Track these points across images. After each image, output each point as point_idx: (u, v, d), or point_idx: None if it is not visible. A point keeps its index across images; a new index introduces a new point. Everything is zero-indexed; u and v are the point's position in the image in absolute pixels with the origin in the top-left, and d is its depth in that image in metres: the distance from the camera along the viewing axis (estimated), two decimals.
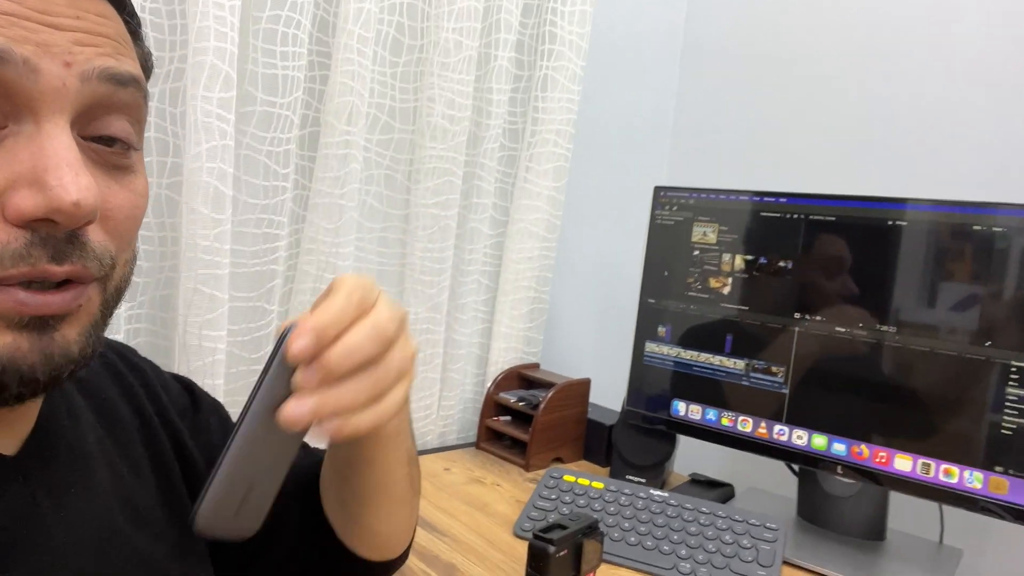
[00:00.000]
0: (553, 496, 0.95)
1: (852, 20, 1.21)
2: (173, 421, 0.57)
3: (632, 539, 0.87)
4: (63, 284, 0.36)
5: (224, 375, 0.88)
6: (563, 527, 0.71)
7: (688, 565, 0.82)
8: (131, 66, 0.38)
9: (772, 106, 1.32)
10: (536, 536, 0.69)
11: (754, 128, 1.35)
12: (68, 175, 0.33)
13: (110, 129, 0.38)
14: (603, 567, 0.83)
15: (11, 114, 0.34)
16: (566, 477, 0.98)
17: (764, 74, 1.33)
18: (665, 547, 0.85)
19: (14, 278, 0.33)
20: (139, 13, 0.80)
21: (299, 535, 0.61)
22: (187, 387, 0.63)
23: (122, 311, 0.80)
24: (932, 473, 0.84)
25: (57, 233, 0.34)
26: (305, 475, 0.62)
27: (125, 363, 0.57)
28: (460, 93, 1.07)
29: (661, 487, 1.07)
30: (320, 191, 0.95)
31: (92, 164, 0.37)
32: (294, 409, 0.38)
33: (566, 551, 0.70)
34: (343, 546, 0.60)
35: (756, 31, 1.35)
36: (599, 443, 1.20)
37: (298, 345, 0.38)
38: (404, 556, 0.65)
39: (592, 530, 0.75)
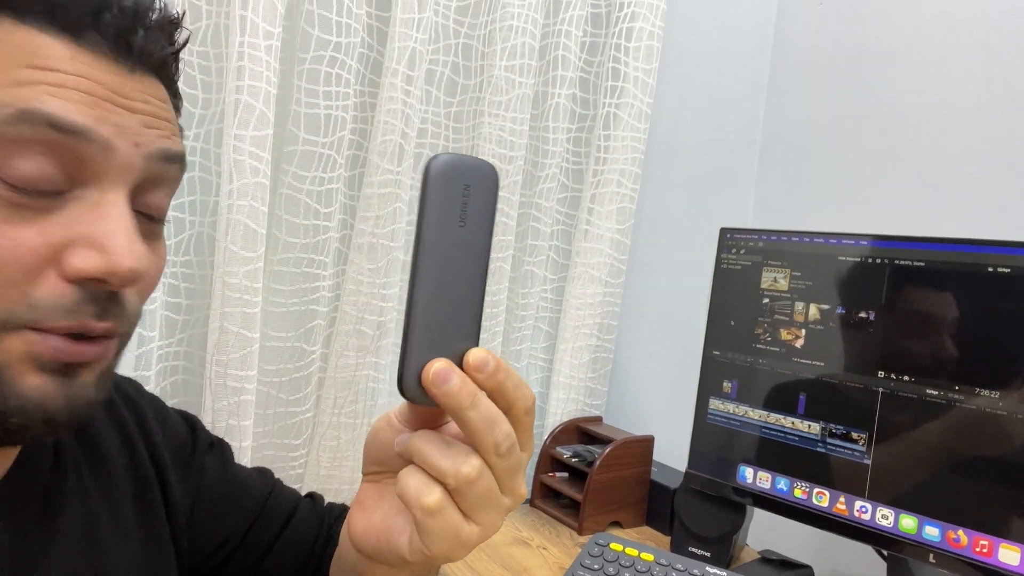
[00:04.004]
0: (596, 566, 0.86)
1: (969, 42, 1.08)
2: (162, 459, 0.55)
3: None
4: (96, 336, 0.38)
5: (253, 416, 0.86)
6: None
7: None
8: (180, 146, 0.42)
9: (870, 143, 1.20)
10: None
11: (852, 168, 1.23)
12: (127, 242, 0.36)
13: (156, 201, 0.41)
14: None
15: (79, 181, 0.36)
16: (613, 545, 0.89)
17: (861, 107, 1.22)
18: None
19: (61, 330, 0.36)
20: (188, 57, 0.83)
21: None
22: (191, 425, 0.61)
23: (154, 347, 0.80)
24: None
25: (102, 292, 0.37)
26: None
27: (120, 395, 0.55)
28: (513, 132, 1.03)
29: (727, 564, 0.96)
30: (362, 231, 0.93)
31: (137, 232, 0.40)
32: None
33: None
34: None
35: (853, 61, 1.24)
36: (663, 508, 1.10)
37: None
38: None
39: None
